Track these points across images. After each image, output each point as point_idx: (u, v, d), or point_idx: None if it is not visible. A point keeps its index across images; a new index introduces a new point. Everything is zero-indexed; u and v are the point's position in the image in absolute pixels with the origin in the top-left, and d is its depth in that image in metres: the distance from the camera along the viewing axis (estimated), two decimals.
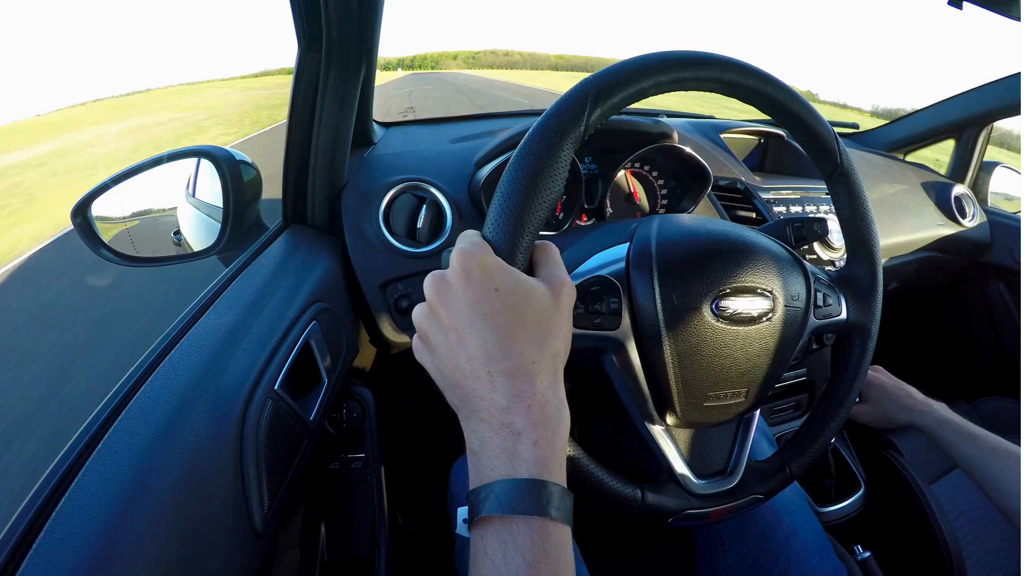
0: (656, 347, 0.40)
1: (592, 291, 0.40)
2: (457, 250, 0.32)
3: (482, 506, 0.28)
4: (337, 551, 0.67)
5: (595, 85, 0.34)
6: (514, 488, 0.28)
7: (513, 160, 0.34)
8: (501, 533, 0.27)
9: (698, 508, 0.43)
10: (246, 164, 0.75)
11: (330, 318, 0.62)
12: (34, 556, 0.30)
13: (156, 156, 0.68)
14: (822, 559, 0.56)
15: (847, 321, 0.47)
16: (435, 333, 0.32)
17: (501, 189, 0.33)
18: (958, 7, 0.68)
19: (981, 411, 1.06)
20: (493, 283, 0.31)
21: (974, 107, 1.14)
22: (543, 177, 0.33)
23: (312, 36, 0.62)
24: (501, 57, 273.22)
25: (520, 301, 0.31)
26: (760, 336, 0.41)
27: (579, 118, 0.34)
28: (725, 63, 0.38)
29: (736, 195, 0.92)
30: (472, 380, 0.30)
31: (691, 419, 0.43)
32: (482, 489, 0.28)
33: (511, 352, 0.30)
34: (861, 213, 0.46)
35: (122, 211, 0.69)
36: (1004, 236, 1.16)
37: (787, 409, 0.99)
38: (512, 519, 0.27)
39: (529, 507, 0.27)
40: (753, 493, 0.45)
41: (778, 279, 0.42)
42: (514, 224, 0.33)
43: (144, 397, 0.40)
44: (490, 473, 0.29)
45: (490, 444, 0.29)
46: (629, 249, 0.43)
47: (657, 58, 0.36)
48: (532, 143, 0.33)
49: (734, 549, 0.59)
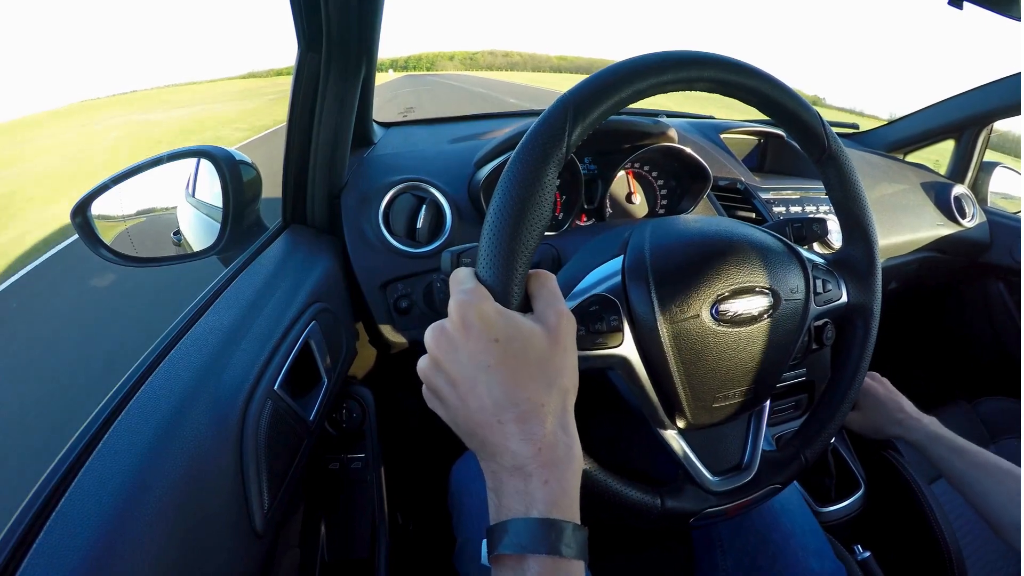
0: (660, 358, 0.40)
1: (591, 311, 0.40)
2: (454, 301, 0.32)
3: (498, 544, 0.29)
4: (337, 551, 0.67)
5: (573, 102, 0.34)
6: (526, 528, 0.29)
7: (498, 190, 0.33)
8: (516, 570, 0.28)
9: (717, 506, 0.43)
10: (246, 164, 0.75)
11: (330, 318, 0.62)
12: (34, 556, 0.30)
13: (156, 156, 0.68)
14: (821, 560, 0.56)
15: (848, 304, 0.47)
16: (442, 385, 0.32)
17: (489, 223, 0.33)
18: (958, 7, 0.68)
19: (981, 411, 1.06)
20: (493, 333, 0.31)
21: (974, 107, 1.14)
22: (529, 206, 0.32)
23: (312, 36, 0.62)
24: (500, 58, 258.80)
25: (522, 348, 0.31)
26: (763, 333, 0.41)
27: (560, 139, 0.33)
28: (704, 60, 0.37)
29: (736, 195, 0.92)
30: (484, 429, 0.31)
31: (702, 421, 0.43)
32: (498, 527, 0.30)
33: (519, 400, 0.30)
34: (853, 194, 0.46)
35: (122, 211, 0.69)
36: (1004, 236, 1.16)
37: (787, 409, 0.99)
38: (525, 558, 0.28)
39: (540, 546, 0.28)
40: (771, 484, 0.45)
41: (776, 275, 0.42)
42: (505, 260, 0.32)
43: (144, 397, 0.40)
44: (507, 512, 0.30)
45: (506, 485, 0.30)
46: (624, 262, 0.42)
47: (633, 64, 0.35)
48: (515, 169, 0.33)
49: (732, 550, 0.59)
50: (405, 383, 0.92)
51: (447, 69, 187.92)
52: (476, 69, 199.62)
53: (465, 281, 0.33)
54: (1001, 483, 0.58)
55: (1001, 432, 1.00)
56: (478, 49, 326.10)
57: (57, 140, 12.09)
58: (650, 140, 0.79)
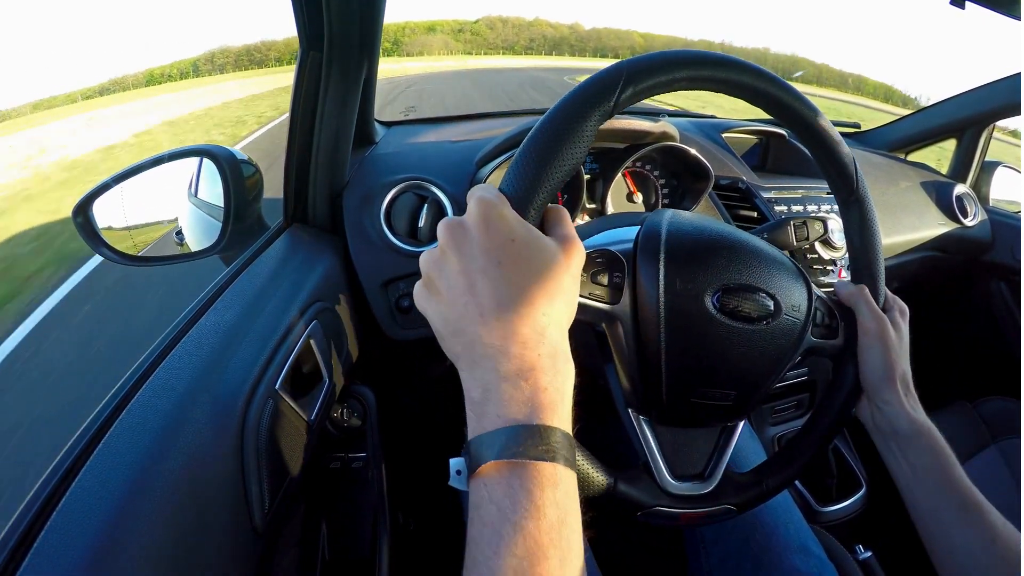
0: (652, 329, 0.39)
1: (598, 262, 0.40)
2: (476, 199, 0.32)
3: (487, 453, 0.27)
4: (338, 550, 0.67)
5: (628, 67, 0.35)
6: (524, 433, 0.27)
7: (539, 124, 0.34)
8: (509, 479, 0.27)
9: (669, 507, 0.42)
10: (247, 163, 0.75)
11: (331, 317, 0.62)
12: (34, 556, 0.30)
13: (157, 155, 0.68)
14: (805, 558, 0.55)
15: (844, 347, 0.46)
16: (443, 278, 0.31)
17: (523, 148, 0.34)
18: (960, 7, 0.68)
19: (981, 411, 1.05)
20: (511, 233, 0.31)
21: (975, 107, 1.14)
22: (566, 141, 0.33)
23: (314, 35, 0.62)
24: (511, 31, 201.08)
25: (536, 255, 0.31)
26: (755, 339, 0.40)
27: (609, 95, 0.34)
28: (761, 73, 0.38)
29: (737, 194, 0.92)
30: (479, 327, 0.29)
31: (676, 413, 0.42)
32: (486, 436, 0.28)
33: (523, 301, 0.29)
34: (870, 243, 0.46)
35: (124, 210, 0.69)
36: (1005, 235, 1.15)
37: (788, 409, 0.99)
38: (523, 464, 0.27)
39: (540, 453, 0.27)
40: (727, 503, 0.44)
41: (782, 286, 0.41)
42: (532, 181, 0.33)
43: (145, 396, 0.40)
44: (495, 420, 0.28)
45: (495, 391, 0.28)
46: (639, 232, 0.42)
47: (695, 55, 0.37)
48: (561, 109, 0.34)
49: (716, 551, 0.58)
50: (406, 382, 0.93)
51: (431, 53, 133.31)
52: (476, 51, 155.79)
53: (489, 189, 0.33)
54: (970, 526, 0.42)
55: (1001, 432, 1.00)
56: (476, 17, 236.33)
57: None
58: (652, 139, 0.79)
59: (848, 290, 0.47)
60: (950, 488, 0.43)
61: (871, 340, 0.45)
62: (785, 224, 0.58)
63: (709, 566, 0.58)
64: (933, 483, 0.43)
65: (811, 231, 0.58)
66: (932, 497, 0.43)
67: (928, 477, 0.44)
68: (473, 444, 0.29)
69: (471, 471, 0.28)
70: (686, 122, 1.06)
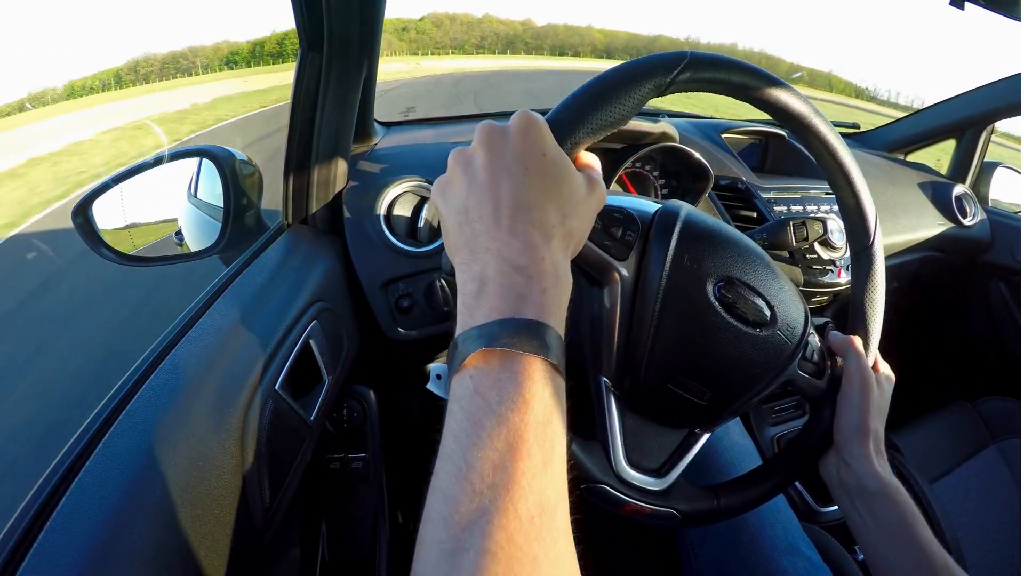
0: (650, 297, 0.39)
1: (615, 216, 0.40)
2: (521, 113, 0.32)
3: (475, 345, 0.26)
4: (338, 550, 0.67)
5: (695, 56, 0.36)
6: (520, 326, 0.26)
7: (597, 76, 0.36)
8: (499, 371, 0.25)
9: (614, 490, 0.41)
10: (247, 164, 0.75)
11: (331, 318, 0.62)
12: (34, 556, 0.30)
13: (157, 155, 0.68)
14: (793, 558, 0.54)
15: (826, 393, 0.46)
16: (467, 170, 0.31)
17: (576, 90, 0.35)
18: (960, 7, 0.68)
19: (981, 411, 1.05)
20: (544, 149, 0.31)
21: (975, 107, 1.14)
22: (615, 98, 0.35)
23: (314, 36, 0.62)
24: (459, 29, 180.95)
25: (561, 173, 0.31)
26: (745, 343, 0.40)
27: (669, 71, 0.36)
28: (817, 112, 0.41)
29: (737, 195, 0.92)
30: (490, 220, 0.29)
31: (649, 398, 0.41)
32: (475, 329, 0.27)
33: (538, 208, 0.30)
34: (873, 298, 0.47)
35: (123, 210, 0.69)
36: (1005, 236, 1.15)
37: (787, 409, 0.99)
38: (514, 355, 0.25)
39: (534, 347, 0.26)
40: (673, 507, 0.43)
41: (785, 300, 0.41)
42: (576, 117, 0.34)
43: (145, 397, 0.40)
44: (489, 313, 0.27)
45: (493, 285, 0.28)
46: (659, 209, 0.43)
47: (760, 71, 0.39)
48: (620, 70, 0.36)
49: (704, 551, 0.58)
50: (406, 382, 0.93)
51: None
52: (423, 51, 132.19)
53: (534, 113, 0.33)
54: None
55: (1001, 432, 1.00)
56: (422, 15, 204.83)
57: None
58: (652, 139, 0.79)
59: (840, 338, 0.47)
60: (918, 548, 0.41)
61: (853, 391, 0.44)
62: (784, 224, 0.58)
63: (698, 567, 0.58)
64: (900, 539, 0.42)
65: (811, 231, 0.58)
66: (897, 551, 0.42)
67: (895, 532, 0.42)
68: (460, 339, 0.27)
69: (455, 367, 0.27)
70: (685, 123, 1.06)
